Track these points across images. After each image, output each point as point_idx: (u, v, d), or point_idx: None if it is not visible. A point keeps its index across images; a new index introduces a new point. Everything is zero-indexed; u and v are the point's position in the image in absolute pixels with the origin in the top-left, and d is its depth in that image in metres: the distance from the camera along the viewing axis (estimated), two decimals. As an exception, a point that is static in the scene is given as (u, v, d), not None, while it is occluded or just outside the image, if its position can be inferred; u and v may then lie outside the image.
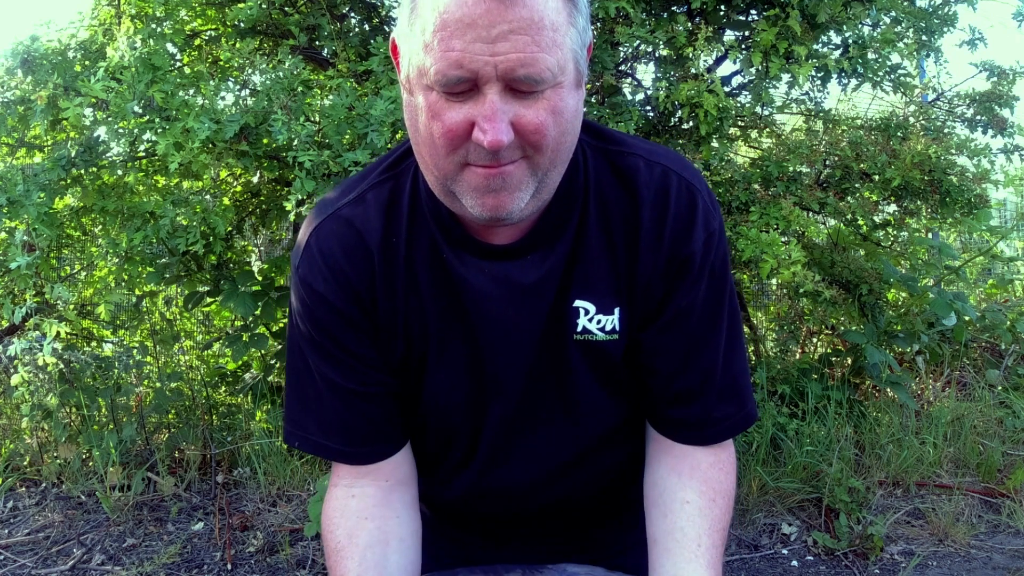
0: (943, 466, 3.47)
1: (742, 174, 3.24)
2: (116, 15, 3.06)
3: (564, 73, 0.99)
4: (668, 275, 1.18)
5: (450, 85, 0.96)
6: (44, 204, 2.72)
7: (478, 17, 0.92)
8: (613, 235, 1.18)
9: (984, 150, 3.37)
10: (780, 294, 4.39)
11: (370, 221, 1.17)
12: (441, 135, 0.99)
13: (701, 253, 1.18)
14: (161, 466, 3.29)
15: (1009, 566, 2.82)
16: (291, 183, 2.66)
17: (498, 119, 0.96)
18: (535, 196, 1.06)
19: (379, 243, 1.17)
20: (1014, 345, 4.48)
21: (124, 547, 2.93)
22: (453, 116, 0.98)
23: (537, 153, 1.02)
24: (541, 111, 0.98)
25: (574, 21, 1.00)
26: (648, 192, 1.16)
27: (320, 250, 1.17)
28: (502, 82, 0.95)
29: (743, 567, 2.87)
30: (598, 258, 1.18)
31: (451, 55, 0.94)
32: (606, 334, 1.22)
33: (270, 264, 3.69)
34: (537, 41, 0.95)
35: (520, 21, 0.94)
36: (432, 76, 0.96)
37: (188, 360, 4.17)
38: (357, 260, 1.17)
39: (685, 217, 1.17)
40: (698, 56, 3.03)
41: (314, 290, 1.17)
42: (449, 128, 0.98)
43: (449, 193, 1.06)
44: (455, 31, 0.94)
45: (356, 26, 3.56)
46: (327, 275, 1.16)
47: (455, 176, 1.03)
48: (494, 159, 0.99)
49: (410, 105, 1.04)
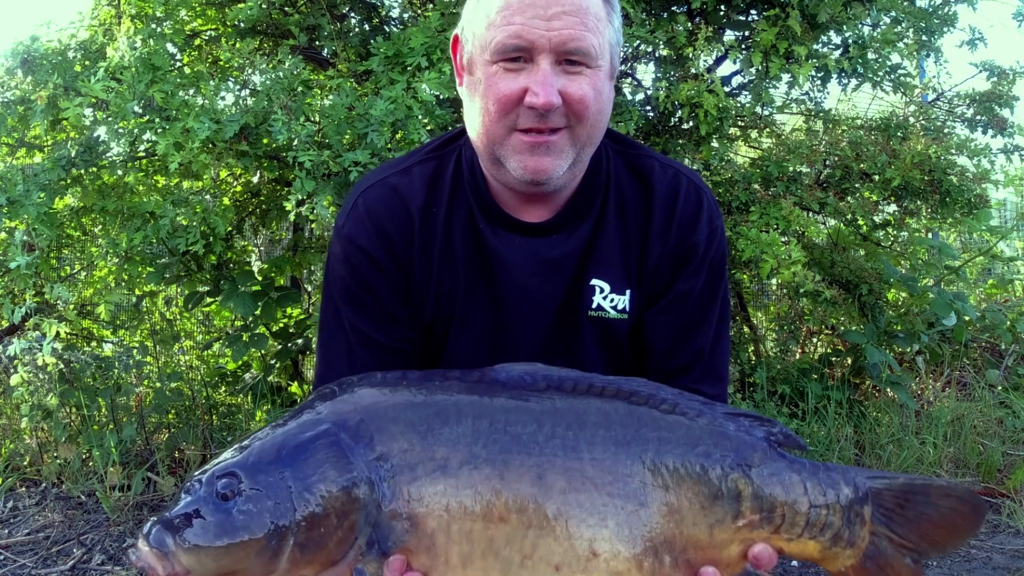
0: (943, 466, 3.47)
1: (742, 174, 3.24)
2: (116, 15, 3.06)
3: (603, 58, 1.20)
4: (674, 262, 1.35)
5: (508, 52, 1.16)
6: (44, 204, 2.72)
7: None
8: (628, 224, 1.35)
9: (984, 150, 3.37)
10: (780, 294, 4.39)
11: (414, 190, 1.34)
12: (496, 100, 1.18)
13: (704, 245, 1.36)
14: (161, 466, 3.29)
15: (1009, 566, 2.82)
16: (291, 183, 2.66)
17: (549, 83, 1.15)
18: (571, 168, 1.25)
19: (420, 210, 1.33)
20: (1014, 345, 4.48)
21: (124, 547, 2.93)
22: (509, 83, 1.17)
23: (579, 123, 1.21)
24: (585, 85, 1.18)
25: (611, 20, 1.22)
26: (661, 188, 1.35)
27: (367, 209, 1.33)
28: (554, 54, 1.16)
29: (743, 567, 2.87)
30: (614, 244, 1.35)
31: (512, 28, 1.15)
32: (618, 312, 1.38)
33: (270, 264, 3.69)
34: (584, 23, 1.16)
35: (571, 5, 1.16)
36: (493, 47, 1.17)
37: (188, 360, 4.17)
38: (399, 221, 1.32)
39: (692, 212, 1.35)
40: (698, 56, 3.04)
41: (357, 245, 1.32)
42: (504, 93, 1.18)
43: (495, 160, 1.25)
44: (517, 9, 1.15)
45: (356, 26, 3.56)
46: (371, 231, 1.32)
47: (503, 141, 1.22)
48: (542, 121, 1.18)
49: (468, 85, 1.25)
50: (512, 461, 1.09)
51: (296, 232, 4.03)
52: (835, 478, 1.17)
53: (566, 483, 1.10)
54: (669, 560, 1.12)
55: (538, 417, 1.12)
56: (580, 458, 1.11)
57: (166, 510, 1.08)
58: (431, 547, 1.08)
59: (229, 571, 1.05)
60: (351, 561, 1.07)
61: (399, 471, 1.07)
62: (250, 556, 1.04)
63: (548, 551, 1.09)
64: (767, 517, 1.15)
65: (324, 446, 1.07)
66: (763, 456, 1.16)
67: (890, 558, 1.19)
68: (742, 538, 1.14)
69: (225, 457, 1.10)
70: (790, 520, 1.15)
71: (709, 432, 1.16)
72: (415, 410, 1.11)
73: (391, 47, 2.81)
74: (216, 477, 1.06)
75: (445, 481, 1.07)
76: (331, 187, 2.64)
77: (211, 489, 1.05)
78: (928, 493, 1.20)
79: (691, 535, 1.13)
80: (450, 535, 1.07)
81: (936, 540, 1.20)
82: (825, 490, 1.16)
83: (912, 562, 1.20)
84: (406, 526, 1.07)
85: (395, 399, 1.13)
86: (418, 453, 1.08)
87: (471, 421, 1.10)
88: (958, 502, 1.20)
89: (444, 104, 2.90)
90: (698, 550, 1.13)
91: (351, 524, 1.06)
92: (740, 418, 1.18)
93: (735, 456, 1.15)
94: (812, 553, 1.18)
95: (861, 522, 1.17)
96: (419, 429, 1.09)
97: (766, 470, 1.16)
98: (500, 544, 1.08)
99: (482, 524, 1.08)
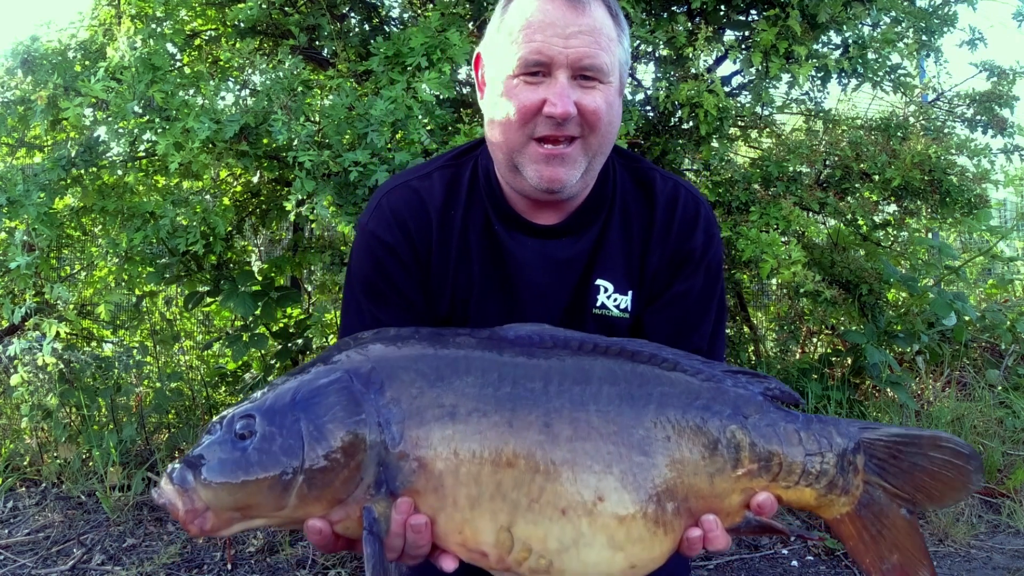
0: (943, 466, 3.47)
1: (742, 174, 3.24)
2: (116, 15, 3.06)
3: (613, 75, 1.34)
4: (672, 265, 1.47)
5: (529, 67, 1.29)
6: (44, 204, 2.72)
7: (556, 20, 1.28)
8: (631, 230, 1.47)
9: (984, 150, 3.37)
10: (780, 294, 4.39)
11: (434, 194, 1.46)
12: (516, 110, 1.30)
13: (700, 250, 1.47)
14: (161, 466, 3.29)
15: (1009, 566, 2.82)
16: (291, 183, 2.66)
17: (566, 95, 1.28)
18: (583, 176, 1.37)
19: (439, 211, 1.45)
20: (1014, 345, 4.48)
21: (124, 547, 2.93)
22: (529, 94, 1.30)
23: (592, 133, 1.33)
24: (598, 98, 1.31)
25: (621, 40, 1.36)
26: (662, 198, 1.47)
27: (390, 208, 1.46)
28: (570, 70, 1.29)
29: (743, 567, 2.87)
30: (617, 247, 1.47)
31: (533, 45, 1.28)
32: (620, 311, 1.48)
33: (270, 264, 3.69)
34: (598, 42, 1.30)
35: (586, 26, 1.29)
36: (515, 62, 1.30)
37: (188, 360, 4.17)
38: (419, 220, 1.44)
39: (690, 220, 1.47)
40: (698, 56, 3.03)
41: (380, 239, 1.44)
42: (524, 104, 1.30)
43: (513, 168, 1.37)
44: (538, 29, 1.28)
45: (356, 26, 3.56)
46: (393, 227, 1.44)
47: (521, 149, 1.33)
48: (559, 129, 1.30)
49: (490, 97, 1.37)
50: (520, 409, 1.14)
51: (296, 232, 4.03)
52: (828, 429, 1.23)
53: (572, 432, 1.14)
54: (671, 508, 1.17)
55: (545, 372, 1.17)
56: (586, 409, 1.16)
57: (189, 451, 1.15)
58: (439, 488, 1.12)
59: (244, 506, 1.11)
60: (358, 500, 1.12)
61: (408, 415, 1.13)
62: (263, 491, 1.10)
63: (555, 495, 1.13)
64: (765, 466, 1.20)
65: (336, 391, 1.13)
66: (760, 409, 1.22)
67: (884, 507, 1.23)
68: (742, 487, 1.20)
69: (245, 401, 1.17)
70: (787, 469, 1.21)
71: (708, 387, 1.22)
72: (426, 361, 1.17)
73: (391, 47, 2.81)
74: (235, 419, 1.13)
75: (454, 426, 1.12)
76: (331, 187, 2.64)
77: (230, 430, 1.12)
78: (920, 444, 1.24)
79: (692, 484, 1.18)
80: (458, 477, 1.12)
81: (931, 492, 1.23)
82: (819, 439, 1.22)
83: (907, 513, 1.24)
84: (414, 467, 1.12)
85: (407, 351, 1.19)
86: (428, 399, 1.13)
87: (480, 372, 1.16)
88: (951, 454, 1.23)
89: (444, 104, 2.90)
90: (699, 499, 1.18)
91: (357, 464, 1.11)
92: (738, 375, 1.24)
93: (733, 409, 1.20)
94: (809, 500, 1.23)
95: (854, 471, 1.22)
96: (429, 378, 1.15)
97: (763, 421, 1.21)
98: (508, 487, 1.12)
99: (490, 468, 1.12)
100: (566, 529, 1.13)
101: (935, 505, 1.27)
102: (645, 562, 1.17)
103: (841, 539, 1.26)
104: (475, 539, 1.13)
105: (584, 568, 1.15)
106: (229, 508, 1.11)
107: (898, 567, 1.24)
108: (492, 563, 1.15)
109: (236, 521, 1.13)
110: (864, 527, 1.24)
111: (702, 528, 1.18)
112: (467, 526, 1.13)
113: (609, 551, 1.14)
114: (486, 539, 1.13)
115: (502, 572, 1.17)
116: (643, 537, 1.15)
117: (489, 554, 1.14)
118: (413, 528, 1.12)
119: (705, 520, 1.18)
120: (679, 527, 1.18)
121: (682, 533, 1.18)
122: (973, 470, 1.24)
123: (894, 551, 1.24)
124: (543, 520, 1.13)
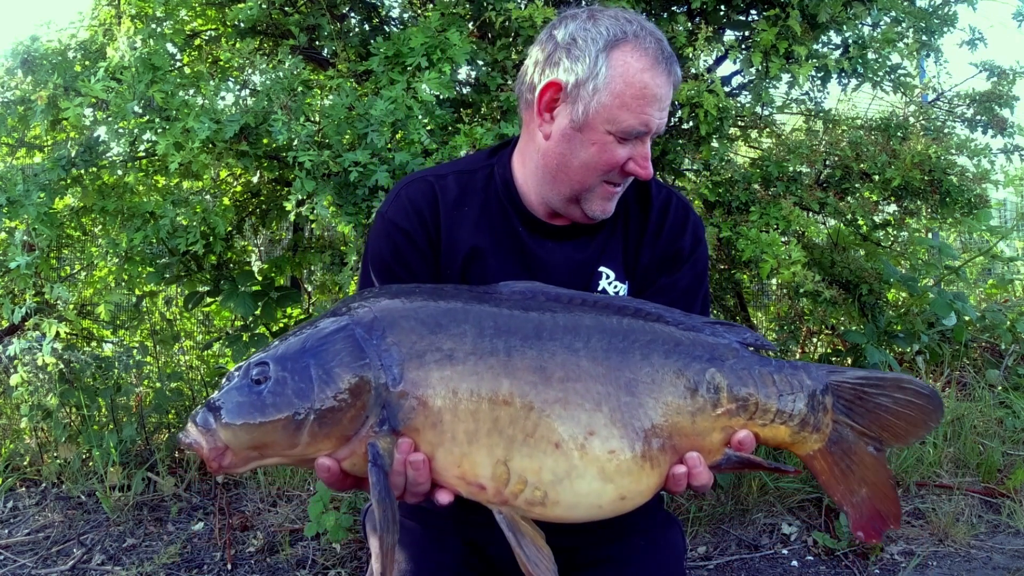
0: (943, 466, 3.47)
1: (742, 174, 3.24)
2: (116, 15, 3.06)
3: None
4: (662, 262, 1.64)
5: (631, 134, 1.45)
6: (44, 204, 2.72)
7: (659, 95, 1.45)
8: (629, 231, 1.65)
9: (984, 150, 3.36)
10: (780, 294, 4.39)
11: (447, 189, 1.61)
12: (605, 163, 1.48)
13: (688, 250, 1.65)
14: (161, 466, 3.29)
15: (1009, 566, 2.82)
16: (291, 183, 2.66)
17: (648, 161, 1.49)
18: None
19: (450, 206, 1.60)
20: (1014, 345, 4.48)
21: (124, 547, 2.93)
22: (621, 152, 1.47)
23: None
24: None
25: None
26: (656, 204, 1.65)
27: (408, 197, 1.61)
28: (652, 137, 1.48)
29: (743, 567, 2.87)
30: (618, 246, 1.64)
31: (643, 118, 1.44)
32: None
33: (270, 264, 3.69)
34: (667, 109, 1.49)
35: (669, 98, 1.48)
36: (623, 127, 1.45)
37: (188, 360, 4.17)
38: (432, 207, 1.60)
39: (679, 224, 1.66)
40: (698, 56, 3.03)
41: (396, 224, 1.58)
42: (615, 159, 1.47)
43: (573, 200, 1.54)
44: (648, 102, 1.44)
45: (356, 26, 3.56)
46: (409, 212, 1.59)
47: (592, 188, 1.51)
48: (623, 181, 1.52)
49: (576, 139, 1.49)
50: (514, 353, 1.24)
51: (296, 232, 4.03)
52: (799, 372, 1.35)
53: (564, 374, 1.25)
54: (657, 444, 1.27)
55: (538, 322, 1.28)
56: (577, 355, 1.26)
57: (211, 397, 1.27)
58: (437, 425, 1.22)
59: (261, 444, 1.22)
60: (364, 437, 1.22)
61: (408, 358, 1.23)
62: (277, 431, 1.20)
63: (548, 430, 1.23)
64: (742, 406, 1.31)
65: (341, 339, 1.24)
66: (736, 354, 1.34)
67: (853, 445, 1.35)
68: (722, 426, 1.31)
69: (260, 351, 1.29)
70: (763, 408, 1.32)
71: (689, 336, 1.34)
72: (426, 310, 1.28)
73: (391, 47, 2.81)
74: (251, 366, 1.24)
75: (452, 368, 1.23)
76: (331, 187, 2.64)
77: (247, 376, 1.24)
78: (883, 385, 1.34)
79: (676, 423, 1.29)
80: (456, 414, 1.21)
81: (895, 431, 1.34)
82: (791, 381, 1.34)
83: (874, 451, 1.35)
84: (414, 404, 1.22)
85: (408, 302, 1.30)
86: (427, 344, 1.24)
87: (477, 321, 1.26)
88: (913, 395, 1.33)
89: (444, 104, 2.90)
90: (683, 437, 1.29)
91: (362, 403, 1.22)
92: (715, 325, 1.37)
93: (712, 354, 1.32)
94: (784, 438, 1.34)
95: (824, 410, 1.34)
96: (429, 325, 1.25)
97: (739, 365, 1.33)
98: (504, 424, 1.22)
99: (487, 406, 1.22)
100: (559, 461, 1.22)
101: (899, 443, 1.36)
102: (634, 494, 1.27)
103: (815, 474, 1.36)
104: (473, 472, 1.22)
105: (577, 498, 1.24)
106: (247, 447, 1.22)
107: (866, 500, 1.35)
108: (490, 496, 1.24)
109: (254, 459, 1.24)
110: (835, 462, 1.35)
111: (686, 465, 1.29)
112: (465, 460, 1.22)
113: (600, 482, 1.24)
114: (484, 472, 1.22)
115: (500, 506, 1.25)
116: (631, 470, 1.25)
117: (487, 487, 1.23)
118: (412, 465, 1.21)
119: (689, 457, 1.29)
120: (665, 463, 1.28)
121: (668, 469, 1.29)
122: (933, 409, 1.34)
123: (863, 485, 1.35)
124: (537, 453, 1.22)
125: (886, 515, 1.35)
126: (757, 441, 1.32)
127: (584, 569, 1.57)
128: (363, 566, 2.80)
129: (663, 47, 1.47)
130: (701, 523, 3.07)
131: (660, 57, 1.45)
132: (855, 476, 1.34)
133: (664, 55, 1.46)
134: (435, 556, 1.57)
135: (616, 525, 1.59)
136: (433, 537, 1.60)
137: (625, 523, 1.60)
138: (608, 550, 1.59)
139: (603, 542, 1.60)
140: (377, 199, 2.63)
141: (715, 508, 3.12)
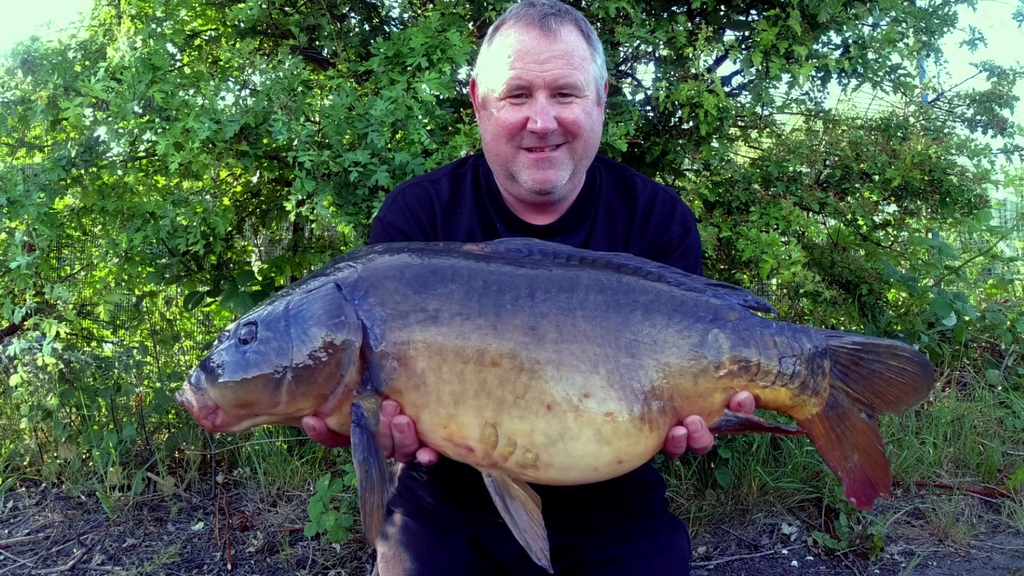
0: (943, 466, 3.47)
1: (742, 174, 3.24)
2: (116, 15, 3.06)
3: (589, 89, 1.53)
4: (651, 254, 1.60)
5: (512, 91, 1.49)
6: (44, 204, 2.72)
7: (532, 48, 1.48)
8: (616, 227, 1.66)
9: (984, 150, 3.36)
10: (780, 294, 4.38)
11: (441, 192, 1.68)
12: (504, 128, 1.51)
13: (677, 240, 1.66)
14: (161, 466, 3.29)
15: (1009, 566, 2.82)
16: (291, 183, 2.66)
17: (545, 112, 1.48)
18: (571, 179, 1.57)
19: (444, 208, 1.66)
20: (1014, 345, 4.48)
21: (124, 547, 2.93)
22: (514, 114, 1.51)
23: (575, 140, 1.53)
24: (576, 110, 1.51)
25: (594, 58, 1.55)
26: (642, 198, 1.68)
27: (404, 201, 1.67)
28: (548, 90, 1.49)
29: (743, 567, 2.87)
30: (604, 243, 1.64)
31: (514, 72, 1.49)
32: None
33: (270, 264, 3.68)
34: (571, 63, 1.49)
35: (559, 51, 1.48)
36: (501, 89, 1.50)
37: (188, 360, 4.17)
38: (427, 210, 1.65)
39: (667, 216, 1.67)
40: (698, 56, 3.03)
41: (396, 227, 1.64)
42: (511, 122, 1.51)
43: (510, 176, 1.57)
44: (517, 58, 1.49)
45: (356, 26, 3.56)
46: (406, 213, 1.65)
47: (513, 159, 1.54)
48: (543, 142, 1.51)
49: (485, 118, 1.58)
50: (504, 314, 1.22)
51: (296, 232, 4.03)
52: (799, 335, 1.35)
53: (558, 335, 1.22)
54: (657, 407, 1.25)
55: (531, 280, 1.26)
56: (573, 315, 1.24)
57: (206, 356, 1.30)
58: (420, 386, 1.21)
59: (246, 403, 1.24)
60: (344, 396, 1.23)
61: (390, 319, 1.22)
62: (259, 388, 1.22)
63: (540, 392, 1.21)
64: (744, 367, 1.31)
65: (322, 297, 1.25)
66: (739, 315, 1.33)
67: (847, 411, 1.36)
68: (723, 387, 1.30)
69: (252, 311, 1.31)
70: (764, 370, 1.32)
71: (692, 296, 1.32)
72: (412, 269, 1.26)
73: (391, 47, 2.81)
74: (240, 326, 1.27)
75: (436, 328, 1.21)
76: (331, 187, 2.64)
77: (235, 335, 1.26)
78: (877, 352, 1.36)
79: (678, 384, 1.27)
80: (440, 375, 1.20)
81: (886, 397, 1.36)
82: (792, 344, 1.34)
83: (867, 416, 1.37)
84: (395, 365, 1.21)
85: (395, 261, 1.29)
86: (411, 304, 1.23)
87: (465, 280, 1.25)
88: (906, 362, 1.35)
89: (444, 104, 2.90)
90: (684, 398, 1.28)
91: (336, 362, 1.22)
92: (717, 287, 1.35)
93: (715, 315, 1.31)
94: (784, 400, 1.34)
95: (822, 373, 1.34)
96: (414, 284, 1.24)
97: (741, 326, 1.32)
98: (492, 385, 1.20)
99: (474, 367, 1.20)
100: (552, 424, 1.20)
101: (890, 410, 1.38)
102: (631, 457, 1.25)
103: (811, 438, 1.38)
104: (460, 434, 1.21)
105: (571, 460, 1.22)
106: (234, 405, 1.24)
107: (859, 466, 1.37)
108: (479, 458, 1.23)
109: (244, 418, 1.26)
110: (831, 427, 1.36)
111: (687, 429, 1.28)
112: (452, 421, 1.21)
113: (596, 444, 1.22)
114: (471, 434, 1.21)
115: (490, 468, 1.23)
116: (629, 432, 1.23)
117: (475, 449, 1.22)
118: (397, 427, 1.22)
119: (690, 422, 1.28)
120: (664, 425, 1.27)
121: (667, 431, 1.27)
122: (925, 377, 1.35)
123: (855, 451, 1.36)
124: (528, 415, 1.20)
125: (876, 482, 1.37)
126: (757, 404, 1.33)
127: (588, 569, 1.56)
128: (363, 566, 2.80)
129: (547, 10, 1.51)
130: (701, 523, 3.07)
131: (536, 18, 1.49)
132: (848, 442, 1.36)
133: (543, 14, 1.49)
134: (439, 557, 1.57)
135: (622, 527, 1.61)
136: (437, 537, 1.60)
137: (631, 525, 1.61)
138: (613, 551, 1.58)
139: (608, 542, 1.59)
140: (377, 199, 2.63)
141: (715, 508, 3.12)
